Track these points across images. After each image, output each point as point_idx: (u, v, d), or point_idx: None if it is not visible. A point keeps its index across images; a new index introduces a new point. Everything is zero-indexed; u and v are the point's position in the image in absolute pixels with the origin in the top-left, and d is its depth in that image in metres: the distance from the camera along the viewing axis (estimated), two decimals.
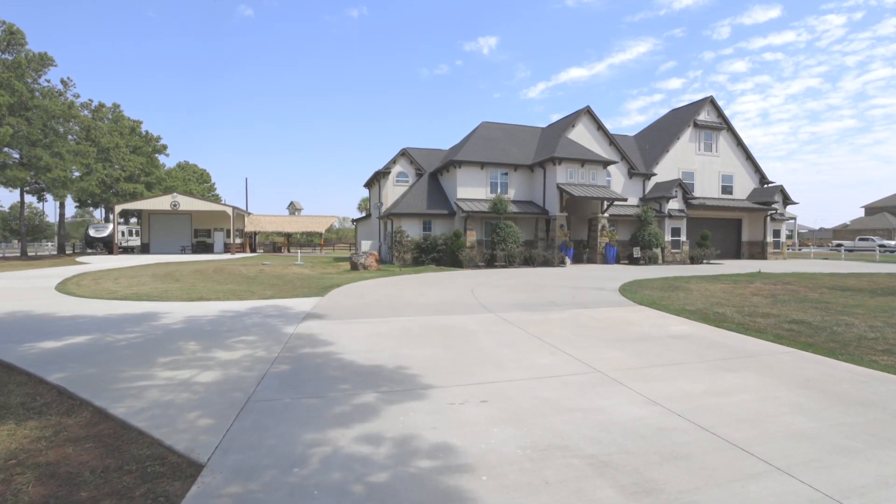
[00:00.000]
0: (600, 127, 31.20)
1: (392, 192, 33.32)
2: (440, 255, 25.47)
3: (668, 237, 30.58)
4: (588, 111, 31.01)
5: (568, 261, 24.82)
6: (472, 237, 26.25)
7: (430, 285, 15.10)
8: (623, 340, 7.17)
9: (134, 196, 39.74)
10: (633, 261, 27.28)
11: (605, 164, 28.03)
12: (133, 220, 45.94)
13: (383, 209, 31.58)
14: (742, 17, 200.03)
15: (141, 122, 43.85)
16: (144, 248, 38.35)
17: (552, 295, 12.63)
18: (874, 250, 52.09)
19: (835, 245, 58.86)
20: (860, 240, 57.90)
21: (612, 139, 31.25)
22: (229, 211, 37.31)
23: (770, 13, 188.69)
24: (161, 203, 34.29)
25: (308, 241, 73.60)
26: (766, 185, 36.25)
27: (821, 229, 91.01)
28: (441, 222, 28.55)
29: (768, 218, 34.51)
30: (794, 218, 38.69)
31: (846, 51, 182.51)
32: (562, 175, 26.77)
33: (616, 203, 28.81)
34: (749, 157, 35.88)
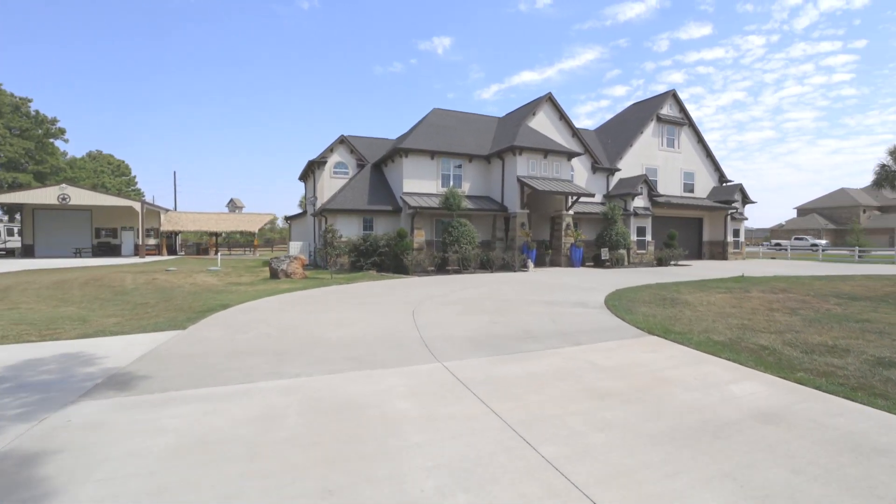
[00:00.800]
0: (562, 116, 28.33)
1: (329, 185, 29.16)
2: (382, 258, 21.70)
3: (633, 237, 28.11)
4: (549, 98, 28.06)
5: (530, 264, 21.67)
6: (420, 237, 22.63)
7: (359, 303, 11.35)
8: (680, 433, 3.75)
9: (16, 187, 33.24)
10: (600, 263, 24.52)
11: (570, 155, 25.11)
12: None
13: (318, 205, 27.42)
14: (679, 32, 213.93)
15: (29, 100, 37.03)
16: (27, 251, 32.01)
17: (524, 317, 9.21)
18: (809, 249, 52.99)
19: (773, 244, 59.70)
20: (795, 239, 58.92)
21: (574, 130, 28.45)
22: (137, 206, 31.85)
23: (703, 30, 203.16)
24: (46, 196, 28.38)
25: (248, 241, 67.73)
26: (724, 184, 34.69)
27: (755, 229, 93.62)
28: (384, 220, 24.78)
29: (729, 217, 32.88)
30: (747, 218, 37.44)
31: (765, 69, 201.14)
32: (522, 167, 23.60)
33: (580, 200, 25.98)
34: (709, 155, 34.19)
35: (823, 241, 57.64)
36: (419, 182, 24.35)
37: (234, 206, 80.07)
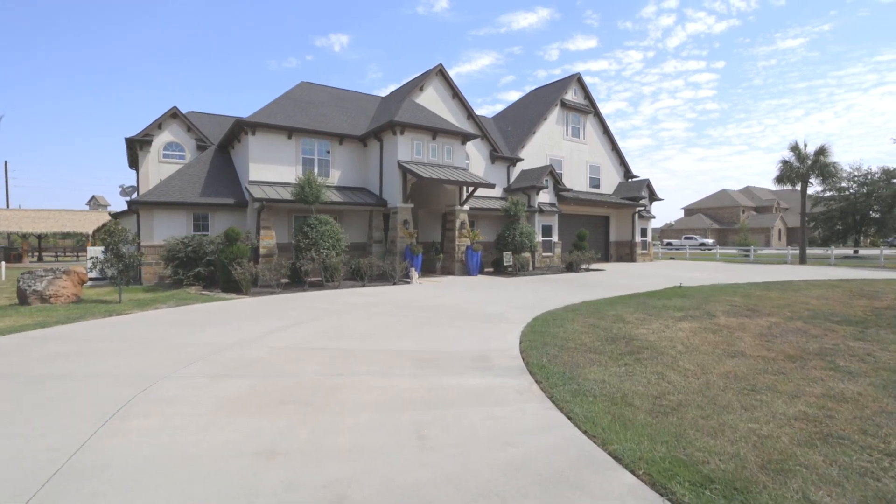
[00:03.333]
0: (456, 94, 23.78)
1: (156, 171, 22.10)
2: (211, 269, 15.53)
3: (538, 237, 24.31)
4: (440, 71, 23.35)
5: (414, 273, 16.65)
6: (268, 240, 16.72)
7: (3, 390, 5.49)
8: None
9: None
10: (501, 269, 20.23)
11: (465, 137, 20.51)
12: None
13: (139, 195, 20.30)
14: (567, 43, 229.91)
15: None
16: None
17: (358, 419, 4.03)
18: (699, 248, 54.02)
19: (665, 244, 60.50)
20: (685, 238, 60.35)
21: (470, 111, 24.03)
22: None
23: (589, 43, 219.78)
24: None
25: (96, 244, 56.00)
26: (631, 180, 32.48)
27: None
28: (226, 217, 18.49)
29: (636, 215, 30.50)
30: (654, 217, 35.80)
31: (643, 82, 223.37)
32: (405, 150, 18.56)
33: (476, 194, 21.54)
34: (615, 148, 31.71)
35: (711, 241, 59.52)
36: (272, 168, 18.42)
37: (96, 203, 68.76)
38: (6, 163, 57.86)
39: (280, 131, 18.54)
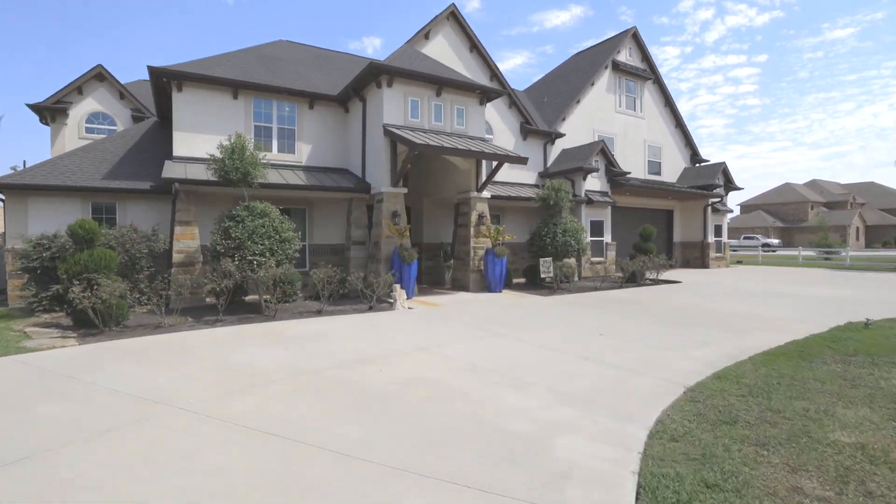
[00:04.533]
0: (475, 46, 17.76)
1: (75, 146, 16.80)
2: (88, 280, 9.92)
3: (586, 236, 18.01)
4: (452, 13, 17.34)
5: (401, 293, 10.65)
6: (187, 240, 11.17)
7: None
8: None
9: None
10: (536, 281, 14.14)
11: (484, 94, 14.36)
12: None
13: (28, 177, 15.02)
14: (601, 40, 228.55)
15: None
16: None
17: None
18: (763, 249, 46.02)
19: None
20: (745, 238, 52.66)
21: (494, 69, 17.97)
22: None
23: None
24: None
25: None
26: (699, 164, 25.68)
27: None
28: (142, 207, 12.96)
29: (709, 208, 23.77)
30: (731, 210, 28.70)
31: (680, 78, 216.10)
32: (395, 109, 12.63)
33: (501, 179, 15.46)
34: (679, 125, 24.97)
35: (776, 241, 51.67)
36: (208, 139, 12.88)
37: None
38: (25, 162, 54.72)
39: (221, 88, 12.99)
